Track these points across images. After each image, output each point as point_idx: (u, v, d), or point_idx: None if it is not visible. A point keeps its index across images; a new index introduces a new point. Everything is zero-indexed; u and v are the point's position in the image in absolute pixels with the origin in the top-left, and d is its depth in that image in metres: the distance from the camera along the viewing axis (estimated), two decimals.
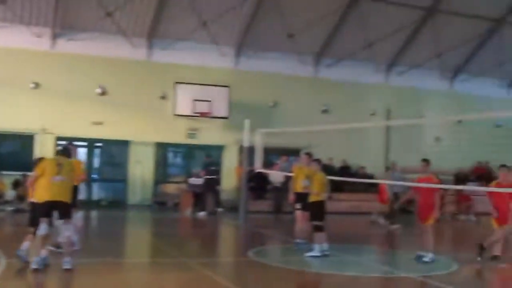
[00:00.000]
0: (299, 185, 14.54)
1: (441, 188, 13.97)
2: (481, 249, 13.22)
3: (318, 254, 13.18)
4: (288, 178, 23.10)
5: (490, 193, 13.69)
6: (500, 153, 28.99)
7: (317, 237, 13.32)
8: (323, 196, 13.51)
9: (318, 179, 13.56)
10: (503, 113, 22.66)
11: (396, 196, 21.38)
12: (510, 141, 29.91)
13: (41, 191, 10.69)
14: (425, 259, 12.95)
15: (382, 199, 21.27)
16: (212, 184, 23.03)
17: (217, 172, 23.37)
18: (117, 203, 24.69)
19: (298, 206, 14.49)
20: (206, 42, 25.75)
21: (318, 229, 13.34)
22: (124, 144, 24.94)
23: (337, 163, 26.69)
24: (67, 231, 11.00)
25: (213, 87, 25.06)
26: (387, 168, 23.78)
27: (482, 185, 27.17)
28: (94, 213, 22.70)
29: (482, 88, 30.82)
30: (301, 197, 14.32)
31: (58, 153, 12.11)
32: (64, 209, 10.77)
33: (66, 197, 10.78)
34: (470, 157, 29.18)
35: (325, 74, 28.02)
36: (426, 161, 13.77)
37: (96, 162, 25.82)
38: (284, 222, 20.73)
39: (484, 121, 29.04)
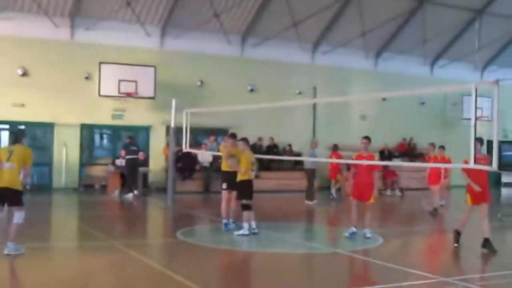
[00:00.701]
0: (225, 164, 14.50)
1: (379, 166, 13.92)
2: (457, 234, 13.18)
3: (246, 232, 13.24)
4: (215, 158, 23.30)
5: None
6: (424, 129, 29.83)
7: (245, 215, 13.36)
8: (250, 175, 13.55)
9: (245, 158, 13.57)
10: (426, 91, 23.15)
11: (312, 172, 21.88)
12: (432, 118, 30.72)
13: None
14: (367, 235, 13.21)
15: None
16: (133, 165, 22.70)
17: (137, 152, 22.95)
18: (42, 187, 24.18)
19: (224, 185, 14.46)
20: (131, 21, 25.38)
21: (246, 207, 13.38)
22: (48, 126, 24.40)
23: (265, 143, 26.83)
24: (17, 219, 10.77)
25: (139, 67, 24.74)
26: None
27: (406, 161, 27.97)
28: None
29: (406, 66, 31.40)
30: (228, 176, 14.33)
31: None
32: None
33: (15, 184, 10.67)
34: (395, 134, 29.79)
35: (252, 53, 28.02)
36: (367, 138, 13.59)
37: None
38: (213, 202, 20.72)
39: (408, 99, 29.66)
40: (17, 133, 12.18)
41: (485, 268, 11.28)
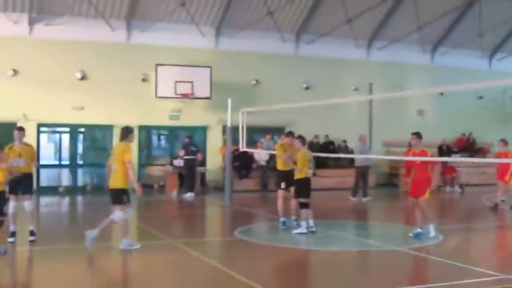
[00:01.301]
0: (280, 163, 14.49)
1: (436, 162, 13.59)
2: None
3: (304, 231, 13.24)
4: (271, 157, 23.36)
5: None
6: (482, 124, 29.28)
7: (303, 213, 13.37)
8: (307, 173, 13.54)
9: (301, 156, 13.57)
10: (484, 84, 22.73)
11: (365, 169, 21.74)
12: (491, 112, 30.14)
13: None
14: (431, 234, 12.89)
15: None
16: (191, 165, 22.91)
17: (196, 152, 23.12)
18: (102, 188, 24.54)
19: (282, 185, 14.43)
20: (186, 22, 25.61)
21: (304, 206, 13.38)
22: (107, 128, 24.78)
23: (321, 140, 26.74)
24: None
25: (194, 68, 24.93)
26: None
27: (465, 157, 27.50)
28: (79, 199, 22.68)
29: (463, 60, 30.92)
30: (284, 175, 14.33)
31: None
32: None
33: None
34: (453, 129, 29.34)
35: (306, 51, 27.96)
36: (417, 134, 13.31)
37: (80, 148, 25.65)
38: (270, 200, 20.76)
39: (466, 93, 29.17)
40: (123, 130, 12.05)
41: None
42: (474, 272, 9.79)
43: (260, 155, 24.38)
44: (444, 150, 27.63)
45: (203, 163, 24.45)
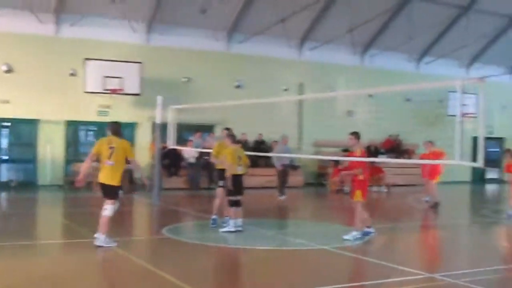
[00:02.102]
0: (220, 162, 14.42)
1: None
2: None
3: (232, 229, 13.21)
4: (201, 155, 23.28)
5: None
6: (409, 126, 29.87)
7: (232, 212, 13.32)
8: (236, 170, 13.47)
9: (229, 152, 13.52)
10: (411, 87, 23.20)
11: (284, 167, 22.06)
12: (418, 114, 30.75)
13: None
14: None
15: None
16: None
17: None
18: (27, 184, 24.05)
19: (220, 183, 14.31)
20: (117, 17, 25.20)
21: (234, 204, 13.33)
22: (33, 123, 24.25)
23: (252, 139, 26.77)
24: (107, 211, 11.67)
25: (125, 63, 24.60)
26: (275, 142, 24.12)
27: (392, 158, 28.02)
28: (3, 195, 22.09)
29: (392, 62, 31.53)
30: (223, 174, 14.25)
31: None
32: None
33: None
34: (381, 131, 29.82)
35: (238, 49, 27.99)
36: (354, 134, 13.06)
37: (4, 143, 24.94)
38: (199, 198, 20.68)
39: (394, 95, 29.69)
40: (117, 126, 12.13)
41: (470, 264, 11.29)
42: (400, 271, 9.93)
43: (190, 153, 24.24)
44: (372, 150, 28.06)
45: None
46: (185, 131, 25.42)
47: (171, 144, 19.23)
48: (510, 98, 34.50)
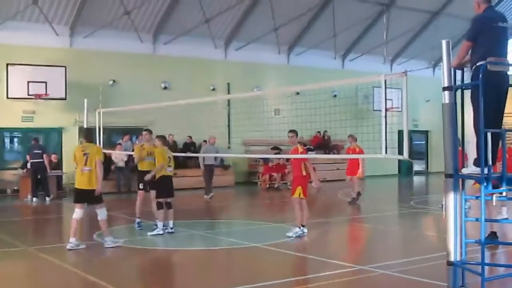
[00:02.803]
0: (141, 164, 14.35)
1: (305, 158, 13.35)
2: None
3: (160, 232, 13.11)
4: (130, 158, 23.03)
5: None
6: (337, 122, 30.20)
7: (160, 214, 13.24)
8: (166, 171, 13.40)
9: (160, 153, 13.45)
10: (336, 83, 23.56)
11: (209, 167, 22.16)
12: (344, 110, 31.14)
13: None
14: (288, 234, 12.90)
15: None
16: (38, 169, 22.07)
17: (42, 155, 22.21)
18: None
19: (141, 185, 14.27)
20: (39, 21, 24.73)
21: (161, 206, 13.25)
22: None
23: (181, 140, 26.64)
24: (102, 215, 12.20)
25: (48, 67, 24.14)
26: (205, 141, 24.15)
27: (321, 154, 28.37)
28: None
29: (318, 60, 31.88)
30: (144, 176, 14.18)
31: None
32: None
33: None
34: (309, 127, 30.05)
35: (164, 51, 27.81)
36: (293, 131, 13.20)
37: None
38: (128, 202, 20.45)
39: (321, 92, 29.91)
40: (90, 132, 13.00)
41: (400, 255, 11.53)
42: (331, 265, 10.08)
43: (118, 156, 23.96)
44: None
45: (58, 165, 23.69)
46: (114, 135, 25.15)
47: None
48: (433, 92, 35.01)
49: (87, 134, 12.66)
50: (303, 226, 12.96)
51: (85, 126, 19.34)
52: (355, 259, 11.10)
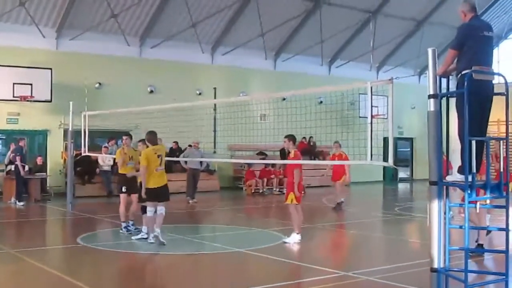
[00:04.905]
0: (124, 168, 14.37)
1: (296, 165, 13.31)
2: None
3: (145, 236, 13.06)
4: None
5: None
6: (322, 128, 30.26)
7: (145, 219, 13.20)
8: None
9: (143, 157, 13.39)
10: (323, 90, 23.64)
11: (194, 171, 22.22)
12: (330, 116, 31.21)
13: None
14: (284, 240, 12.96)
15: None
16: (19, 171, 21.83)
17: (24, 157, 22.00)
18: None
19: (123, 189, 14.26)
20: (25, 23, 24.63)
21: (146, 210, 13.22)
22: None
23: (168, 145, 26.55)
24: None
25: (34, 69, 24.00)
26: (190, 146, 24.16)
27: (306, 160, 28.39)
28: None
29: (304, 66, 31.95)
30: (125, 179, 14.21)
31: None
32: None
33: None
34: (295, 133, 29.99)
35: (150, 54, 27.76)
36: (288, 137, 13.37)
37: None
38: (114, 205, 20.37)
39: (307, 98, 29.98)
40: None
41: (383, 261, 11.57)
42: (315, 270, 10.11)
43: (104, 159, 23.88)
44: (285, 153, 28.30)
45: (43, 168, 23.58)
46: (99, 138, 25.08)
47: (84, 151, 18.94)
48: (419, 99, 35.44)
49: (154, 137, 13.09)
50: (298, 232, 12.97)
51: (70, 129, 19.35)
52: (339, 265, 11.13)
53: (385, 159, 9.84)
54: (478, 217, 11.03)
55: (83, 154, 20.18)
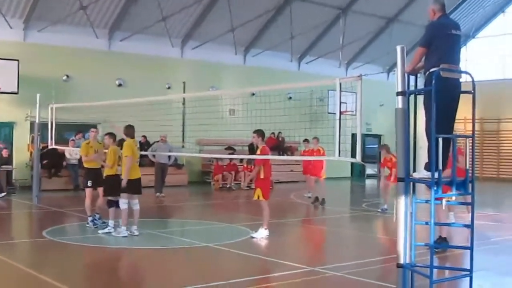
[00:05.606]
0: (87, 161, 14.33)
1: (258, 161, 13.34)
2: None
3: (112, 230, 13.00)
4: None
5: None
6: (291, 124, 30.33)
7: (111, 212, 13.15)
8: (117, 170, 13.33)
9: (112, 152, 13.37)
10: (292, 85, 23.70)
11: (162, 165, 22.18)
12: (299, 112, 31.33)
13: None
14: (252, 235, 13.00)
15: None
16: None
17: None
18: None
19: (89, 183, 14.18)
20: None
21: (113, 204, 13.16)
22: None
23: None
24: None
25: (1, 60, 23.61)
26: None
27: (275, 155, 28.46)
28: None
29: (274, 62, 32.01)
30: (91, 173, 14.15)
31: None
32: None
33: None
34: (264, 128, 30.04)
35: (120, 47, 27.54)
36: (257, 132, 13.38)
37: None
38: (81, 199, 20.19)
39: (276, 94, 30.03)
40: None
41: (350, 256, 11.63)
42: (283, 265, 10.14)
43: (71, 153, 23.67)
44: (254, 148, 28.32)
45: (9, 161, 23.31)
46: (66, 131, 24.85)
47: (51, 144, 18.76)
48: (387, 96, 35.48)
49: (132, 131, 13.47)
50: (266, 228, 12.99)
51: (36, 121, 19.15)
52: (306, 260, 11.16)
53: (353, 155, 9.89)
54: (438, 213, 11.15)
55: (49, 147, 19.99)
